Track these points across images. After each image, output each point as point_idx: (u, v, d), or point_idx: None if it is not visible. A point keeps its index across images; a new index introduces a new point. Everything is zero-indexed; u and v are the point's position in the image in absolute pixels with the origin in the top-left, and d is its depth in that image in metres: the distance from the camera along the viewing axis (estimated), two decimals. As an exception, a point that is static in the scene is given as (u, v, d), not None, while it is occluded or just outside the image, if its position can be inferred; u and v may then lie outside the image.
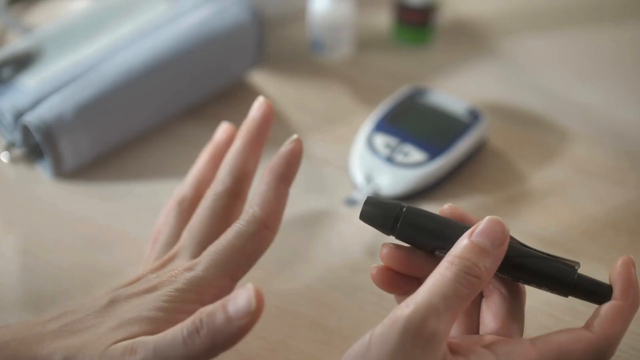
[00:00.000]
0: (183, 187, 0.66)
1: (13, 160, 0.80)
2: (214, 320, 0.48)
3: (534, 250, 0.52)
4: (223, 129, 0.69)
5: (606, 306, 0.51)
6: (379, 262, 0.62)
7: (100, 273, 0.70)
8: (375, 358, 0.47)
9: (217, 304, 0.48)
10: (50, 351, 0.51)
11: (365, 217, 0.54)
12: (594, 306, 0.52)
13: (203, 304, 0.52)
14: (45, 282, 0.70)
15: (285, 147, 0.58)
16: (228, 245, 0.55)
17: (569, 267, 0.52)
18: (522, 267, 0.52)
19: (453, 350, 0.49)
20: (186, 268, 0.55)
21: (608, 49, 0.98)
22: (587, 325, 0.51)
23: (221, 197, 0.60)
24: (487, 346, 0.50)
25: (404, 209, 0.53)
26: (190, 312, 0.51)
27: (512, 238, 0.52)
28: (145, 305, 0.52)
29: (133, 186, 0.80)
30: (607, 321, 0.50)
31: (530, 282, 0.52)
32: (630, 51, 0.98)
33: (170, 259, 0.58)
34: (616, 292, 0.51)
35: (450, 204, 0.55)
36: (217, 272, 0.54)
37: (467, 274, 0.49)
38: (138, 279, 0.57)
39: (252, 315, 0.47)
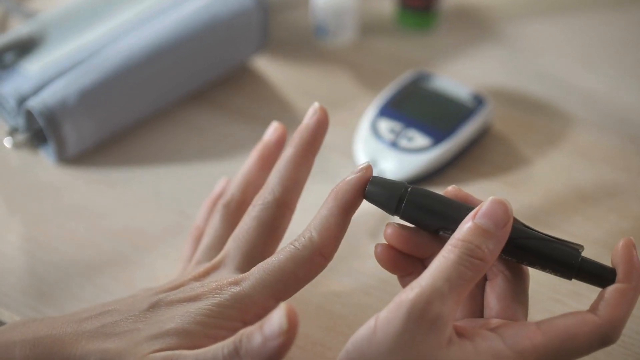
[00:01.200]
0: (230, 187, 0.64)
1: (16, 145, 0.80)
2: (252, 341, 0.47)
3: (538, 232, 0.52)
4: (273, 129, 0.66)
5: (610, 289, 0.50)
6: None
7: (104, 258, 0.70)
8: (380, 342, 0.48)
9: (256, 325, 0.47)
10: (85, 353, 0.51)
11: (370, 197, 0.53)
12: (598, 290, 0.52)
13: (245, 322, 0.52)
14: (49, 268, 0.70)
15: (355, 174, 0.54)
16: (280, 267, 0.53)
17: (573, 249, 0.52)
18: (526, 249, 0.51)
19: (459, 333, 0.49)
20: (232, 282, 0.53)
21: (612, 34, 0.98)
22: (592, 309, 0.51)
23: (270, 206, 0.57)
24: (493, 329, 0.50)
25: (409, 189, 0.53)
26: (230, 329, 0.51)
27: (516, 220, 0.52)
28: (186, 318, 0.52)
29: (136, 171, 0.80)
30: (612, 304, 0.50)
31: (534, 265, 0.52)
32: (635, 36, 0.98)
33: (215, 268, 0.56)
34: (619, 275, 0.51)
35: (454, 185, 0.55)
36: (264, 292, 0.52)
37: (470, 257, 0.49)
38: (181, 284, 0.55)
39: (286, 335, 0.46)
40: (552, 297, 0.65)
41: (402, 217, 0.53)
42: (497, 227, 0.49)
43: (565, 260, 0.51)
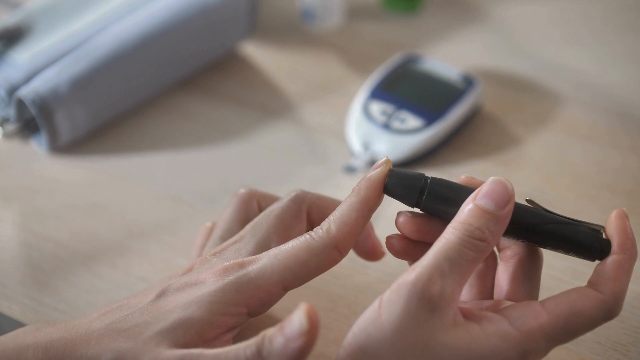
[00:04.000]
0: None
1: (6, 135, 0.79)
2: (274, 343, 0.47)
3: (559, 216, 0.52)
4: None
5: (608, 263, 0.50)
6: (380, 229, 0.62)
7: (101, 246, 0.70)
8: (385, 323, 0.48)
9: (278, 327, 0.47)
10: (97, 353, 0.50)
11: (390, 190, 0.53)
12: (594, 266, 0.52)
13: (249, 307, 0.51)
14: (46, 257, 0.69)
15: (375, 169, 0.54)
16: (292, 255, 0.52)
17: (595, 231, 0.52)
18: (550, 235, 0.51)
19: (465, 315, 0.49)
20: (238, 263, 0.52)
21: (598, 13, 0.99)
22: (591, 284, 0.50)
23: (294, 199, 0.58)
24: (499, 311, 0.50)
25: (429, 180, 0.52)
26: (234, 315, 0.51)
27: (536, 204, 0.52)
28: (190, 306, 0.51)
29: (129, 158, 0.80)
30: (612, 277, 0.50)
31: (557, 249, 0.52)
32: (620, 14, 0.99)
33: (224, 249, 0.56)
34: (614, 246, 0.51)
35: (466, 174, 0.55)
36: (272, 278, 0.52)
37: (471, 238, 0.49)
38: (191, 267, 0.55)
39: (307, 336, 0.46)
40: (548, 274, 0.65)
41: (422, 209, 0.53)
42: (498, 207, 0.49)
43: (589, 243, 0.51)
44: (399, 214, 0.55)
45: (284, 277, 0.52)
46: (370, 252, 0.62)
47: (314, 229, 0.53)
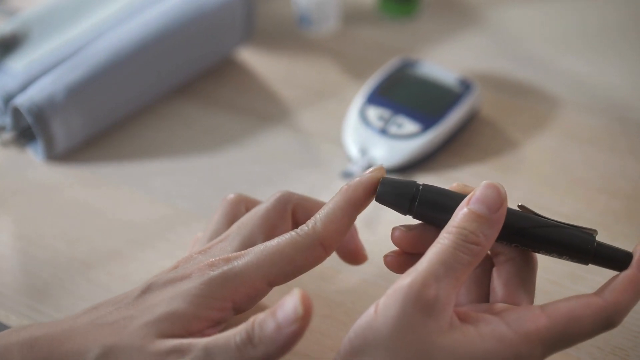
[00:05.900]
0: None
1: (3, 144, 0.79)
2: (265, 328, 0.47)
3: (551, 220, 0.52)
4: None
5: (621, 275, 0.50)
6: (376, 233, 0.62)
7: (98, 254, 0.70)
8: (381, 327, 0.48)
9: (268, 312, 0.47)
10: (83, 347, 0.50)
11: (382, 198, 0.53)
12: (595, 271, 0.52)
13: (234, 302, 0.51)
14: (42, 265, 0.69)
15: (367, 175, 0.54)
16: (278, 250, 0.52)
17: (588, 235, 0.52)
18: (541, 238, 0.51)
19: (461, 318, 0.49)
20: (224, 259, 0.52)
21: (595, 17, 0.99)
22: (598, 292, 0.50)
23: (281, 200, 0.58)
24: (496, 313, 0.50)
25: (420, 187, 0.52)
26: (220, 309, 0.51)
27: (527, 209, 0.52)
28: (176, 300, 0.51)
29: (126, 166, 0.79)
30: (618, 289, 0.50)
31: (550, 252, 0.52)
32: (617, 18, 0.99)
33: (210, 247, 0.56)
34: (634, 261, 0.51)
35: (458, 182, 0.55)
36: (257, 273, 0.52)
37: (465, 242, 0.49)
38: (177, 265, 0.55)
39: (301, 321, 0.46)
40: (548, 279, 0.66)
41: (415, 217, 0.53)
42: (490, 211, 0.50)
43: (581, 246, 0.51)
44: (393, 229, 0.55)
45: (270, 272, 0.52)
46: (353, 255, 0.63)
47: (300, 226, 0.53)
